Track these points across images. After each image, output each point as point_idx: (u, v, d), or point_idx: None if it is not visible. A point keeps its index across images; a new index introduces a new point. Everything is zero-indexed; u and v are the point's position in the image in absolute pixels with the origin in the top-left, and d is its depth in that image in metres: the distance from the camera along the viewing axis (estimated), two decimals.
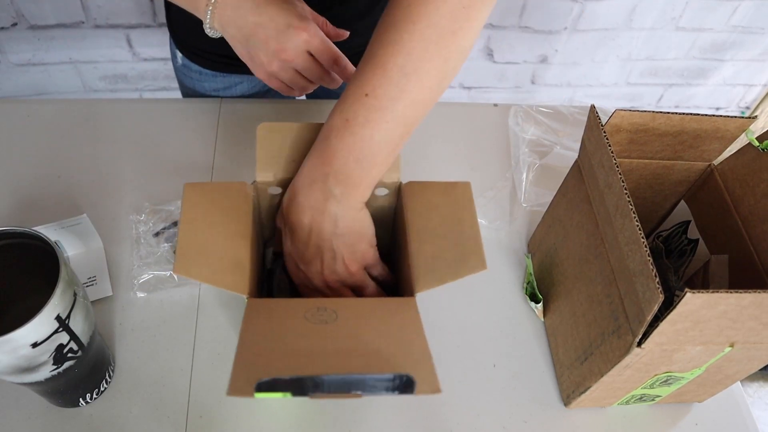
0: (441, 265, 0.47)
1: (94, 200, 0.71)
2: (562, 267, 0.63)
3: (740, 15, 1.54)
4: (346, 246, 0.50)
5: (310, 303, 0.46)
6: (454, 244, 0.48)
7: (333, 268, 0.50)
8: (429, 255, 0.47)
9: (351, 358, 0.40)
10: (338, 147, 0.47)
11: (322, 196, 0.48)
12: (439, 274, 0.46)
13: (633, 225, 0.48)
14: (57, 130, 0.78)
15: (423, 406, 0.60)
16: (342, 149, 0.47)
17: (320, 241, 0.49)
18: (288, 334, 0.43)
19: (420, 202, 0.51)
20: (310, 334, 0.43)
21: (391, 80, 0.46)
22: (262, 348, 0.41)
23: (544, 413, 0.62)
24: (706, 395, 0.62)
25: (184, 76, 0.86)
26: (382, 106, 0.46)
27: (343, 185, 0.48)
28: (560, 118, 0.88)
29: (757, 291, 0.43)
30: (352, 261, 0.51)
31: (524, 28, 1.48)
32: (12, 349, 0.43)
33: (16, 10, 1.21)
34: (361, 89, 0.47)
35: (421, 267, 0.47)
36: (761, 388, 1.59)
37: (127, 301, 0.64)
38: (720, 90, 1.80)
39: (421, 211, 0.50)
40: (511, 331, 0.67)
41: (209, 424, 0.57)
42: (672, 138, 0.59)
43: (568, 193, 0.63)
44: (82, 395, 0.55)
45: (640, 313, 0.47)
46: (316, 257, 0.50)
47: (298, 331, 0.43)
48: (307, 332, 0.43)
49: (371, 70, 0.47)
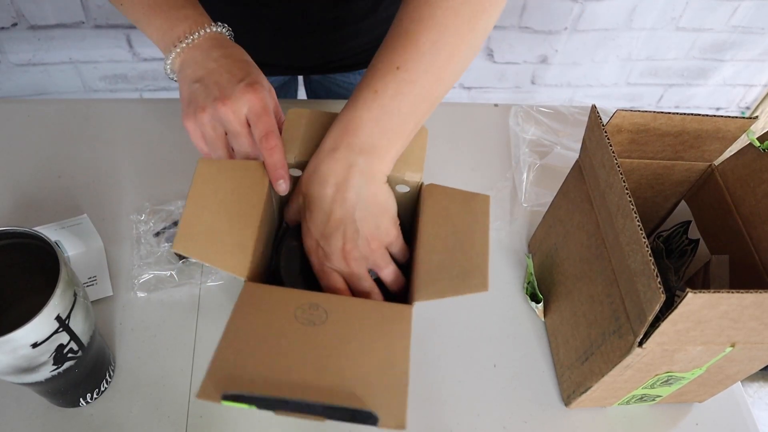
0: (444, 278, 0.46)
1: (94, 200, 0.71)
2: (563, 267, 0.63)
3: (740, 15, 1.54)
4: (369, 219, 0.48)
5: (304, 297, 0.45)
6: (461, 258, 0.46)
7: (355, 243, 0.48)
8: (434, 265, 0.47)
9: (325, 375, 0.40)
10: (365, 118, 0.47)
11: (346, 166, 0.47)
12: (440, 288, 0.46)
13: (634, 225, 0.48)
14: (57, 130, 0.78)
15: (423, 406, 0.60)
16: (369, 120, 0.47)
17: (343, 213, 0.48)
18: (272, 334, 0.42)
19: (436, 208, 0.50)
20: (294, 337, 0.42)
21: (423, 55, 0.47)
22: (243, 346, 0.41)
23: (545, 413, 0.61)
24: (707, 395, 0.62)
25: None
26: (412, 79, 0.47)
27: (367, 155, 0.48)
28: (560, 118, 0.88)
29: (758, 291, 0.43)
30: (374, 237, 0.49)
31: (524, 28, 1.48)
32: (12, 349, 0.43)
33: (16, 10, 1.21)
34: (392, 62, 0.47)
35: (424, 277, 0.47)
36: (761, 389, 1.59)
37: (127, 301, 0.64)
38: (720, 90, 1.80)
39: (436, 218, 0.49)
40: (511, 331, 0.67)
41: (209, 424, 0.57)
42: (673, 138, 0.59)
43: (569, 193, 0.63)
44: (83, 395, 0.55)
45: (641, 313, 0.47)
46: (338, 230, 0.48)
47: (283, 331, 0.43)
48: (292, 334, 0.42)
49: (402, 45, 0.48)
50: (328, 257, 0.49)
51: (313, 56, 0.82)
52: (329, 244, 0.48)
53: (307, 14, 0.72)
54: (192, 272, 0.66)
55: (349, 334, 0.44)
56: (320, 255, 0.50)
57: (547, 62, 1.59)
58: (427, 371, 0.63)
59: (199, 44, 0.52)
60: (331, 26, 0.75)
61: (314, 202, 0.49)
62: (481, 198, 0.50)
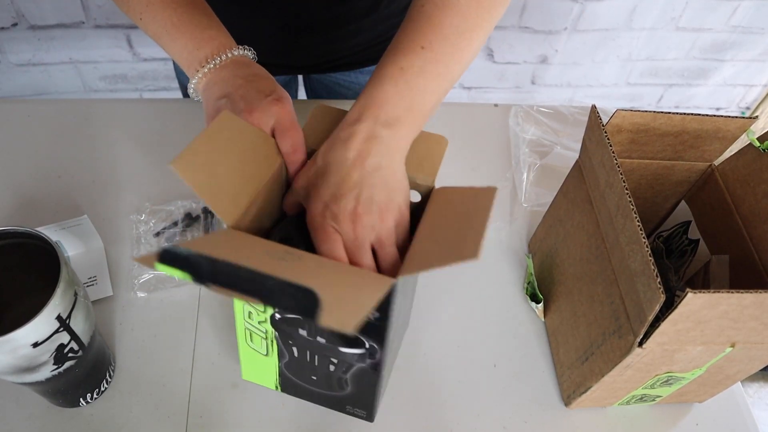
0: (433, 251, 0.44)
1: (94, 200, 0.71)
2: (563, 267, 0.63)
3: (740, 15, 1.54)
4: (385, 190, 0.47)
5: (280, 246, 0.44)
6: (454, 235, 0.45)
7: (368, 208, 0.46)
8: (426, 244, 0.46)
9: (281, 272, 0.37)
10: (391, 92, 0.48)
11: (370, 136, 0.47)
12: (427, 259, 0.43)
13: (634, 225, 0.48)
14: (57, 130, 0.78)
15: (423, 406, 0.60)
16: (395, 95, 0.48)
17: (360, 177, 0.47)
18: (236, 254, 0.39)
19: (441, 203, 0.49)
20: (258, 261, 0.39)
21: (446, 38, 0.50)
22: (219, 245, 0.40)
23: (545, 413, 0.62)
24: (707, 395, 0.62)
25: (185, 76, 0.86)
26: (437, 59, 0.49)
27: (391, 129, 0.48)
28: (560, 118, 0.88)
29: (758, 291, 0.43)
30: (386, 209, 0.47)
31: (524, 28, 1.48)
32: (12, 349, 0.43)
33: (16, 10, 1.21)
34: (417, 42, 0.49)
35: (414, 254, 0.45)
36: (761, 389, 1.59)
37: (127, 301, 0.64)
38: (720, 90, 1.80)
39: (439, 210, 0.48)
40: (511, 331, 0.67)
41: (209, 424, 0.57)
42: (673, 138, 0.59)
43: (569, 193, 0.63)
44: (83, 395, 0.55)
45: (641, 313, 0.47)
46: (351, 192, 0.46)
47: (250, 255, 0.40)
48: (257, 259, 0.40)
49: (427, 27, 0.50)
50: (336, 217, 0.46)
51: (314, 55, 0.82)
52: (339, 205, 0.46)
53: (308, 12, 0.72)
54: None
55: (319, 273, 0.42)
56: (327, 215, 0.46)
57: (547, 62, 1.59)
58: (427, 371, 0.63)
59: (225, 66, 0.53)
60: (332, 24, 0.76)
61: (331, 165, 0.47)
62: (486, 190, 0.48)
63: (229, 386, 0.59)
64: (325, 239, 0.46)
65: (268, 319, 0.49)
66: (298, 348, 0.51)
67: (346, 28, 0.77)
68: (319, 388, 0.56)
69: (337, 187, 0.47)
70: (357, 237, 0.46)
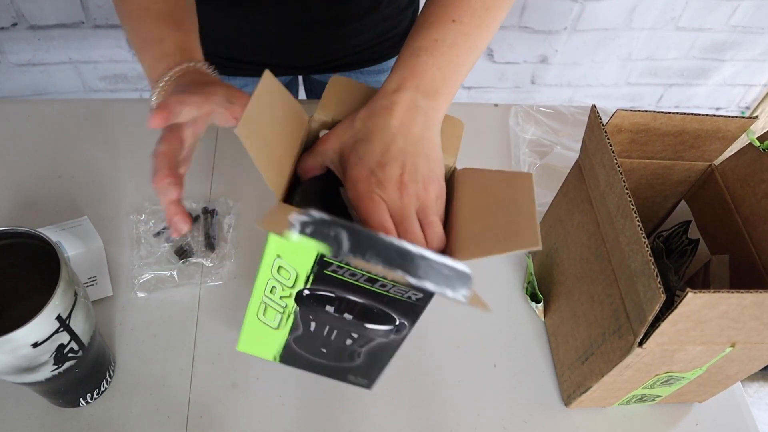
0: (488, 239, 0.43)
1: (94, 200, 0.71)
2: (563, 267, 0.63)
3: (740, 15, 1.54)
4: (427, 161, 0.47)
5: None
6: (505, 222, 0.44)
7: (413, 176, 0.46)
8: (476, 229, 0.44)
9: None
10: (429, 63, 0.49)
11: (411, 105, 0.48)
12: (486, 246, 0.42)
13: (634, 225, 0.48)
14: (57, 130, 0.78)
15: (423, 406, 0.60)
16: (432, 65, 0.49)
17: (405, 145, 0.46)
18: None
19: (474, 186, 0.48)
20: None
21: (474, 12, 0.51)
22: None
23: (545, 413, 0.61)
24: (707, 395, 0.62)
25: None
26: (467, 32, 0.51)
27: (430, 100, 0.49)
28: (560, 118, 0.88)
29: (758, 291, 0.43)
30: (430, 180, 0.47)
31: (524, 28, 1.48)
32: (12, 349, 0.43)
33: (16, 10, 1.21)
34: (448, 16, 0.51)
35: (466, 239, 0.44)
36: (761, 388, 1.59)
37: (127, 301, 0.64)
38: (720, 90, 1.80)
39: (475, 193, 0.47)
40: (511, 331, 0.67)
41: (209, 424, 0.57)
42: (673, 138, 0.59)
43: (569, 193, 0.63)
44: (83, 395, 0.55)
45: (641, 313, 0.47)
46: (396, 160, 0.46)
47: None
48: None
49: (455, 2, 0.51)
50: (382, 184, 0.45)
51: (315, 55, 0.82)
52: (385, 172, 0.45)
53: (310, 12, 0.72)
54: (192, 272, 0.66)
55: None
56: (372, 182, 0.45)
57: (547, 62, 1.59)
58: (428, 371, 0.63)
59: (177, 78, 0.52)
60: (333, 24, 0.76)
61: (374, 132, 0.47)
62: (523, 175, 0.47)
63: (229, 386, 0.59)
64: (373, 208, 0.45)
65: (293, 294, 0.47)
66: (317, 323, 0.49)
67: (347, 27, 0.77)
68: (327, 359, 0.54)
69: (381, 155, 0.46)
70: (404, 205, 0.45)
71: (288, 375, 0.60)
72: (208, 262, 0.67)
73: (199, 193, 0.73)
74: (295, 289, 0.46)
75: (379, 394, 0.60)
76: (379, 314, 0.46)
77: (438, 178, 0.48)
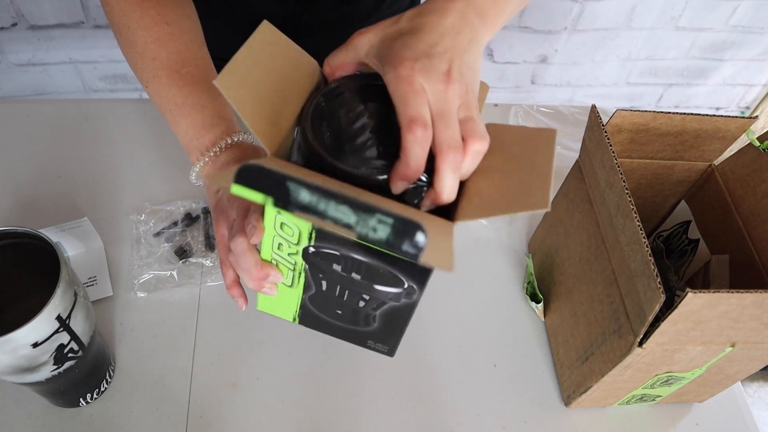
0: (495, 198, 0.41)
1: (94, 200, 0.71)
2: (563, 267, 0.63)
3: (740, 15, 1.54)
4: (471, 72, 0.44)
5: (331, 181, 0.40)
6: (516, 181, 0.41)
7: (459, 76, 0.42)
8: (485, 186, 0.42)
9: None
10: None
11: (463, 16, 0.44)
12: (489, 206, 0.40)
13: (634, 225, 0.48)
14: (57, 130, 0.78)
15: (423, 406, 0.60)
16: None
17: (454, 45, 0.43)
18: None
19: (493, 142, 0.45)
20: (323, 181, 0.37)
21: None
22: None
23: (545, 413, 0.62)
24: (707, 395, 0.62)
25: None
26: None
27: (480, 18, 0.46)
28: (560, 118, 0.88)
29: (758, 291, 0.43)
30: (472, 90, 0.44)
31: (524, 28, 1.48)
32: (12, 349, 0.43)
33: (16, 10, 1.21)
34: None
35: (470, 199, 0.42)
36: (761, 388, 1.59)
37: (127, 301, 0.64)
38: (720, 90, 1.80)
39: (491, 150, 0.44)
40: (511, 331, 0.67)
41: (209, 424, 0.57)
42: (673, 138, 0.59)
43: (569, 193, 0.63)
44: (83, 395, 0.55)
45: (641, 313, 0.47)
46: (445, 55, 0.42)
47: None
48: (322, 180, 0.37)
49: None
50: (426, 71, 0.41)
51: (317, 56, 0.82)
52: (432, 62, 0.41)
53: (315, 13, 0.72)
54: (192, 272, 0.66)
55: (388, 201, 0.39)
56: (416, 68, 0.41)
57: (547, 62, 1.59)
58: (428, 371, 0.63)
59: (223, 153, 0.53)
60: (337, 25, 0.76)
61: (423, 27, 0.43)
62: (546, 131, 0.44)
63: (229, 386, 0.59)
64: (413, 94, 0.40)
65: (300, 252, 0.46)
66: (327, 282, 0.48)
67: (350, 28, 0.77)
68: (343, 322, 0.52)
69: (429, 47, 0.41)
70: (448, 98, 0.41)
71: (288, 375, 0.60)
72: (208, 262, 0.67)
73: (199, 193, 0.73)
74: (301, 246, 0.45)
75: (379, 394, 0.60)
76: (386, 276, 0.45)
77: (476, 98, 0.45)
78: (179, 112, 0.56)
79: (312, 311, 0.52)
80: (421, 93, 0.40)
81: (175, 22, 0.57)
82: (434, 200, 0.42)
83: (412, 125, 0.39)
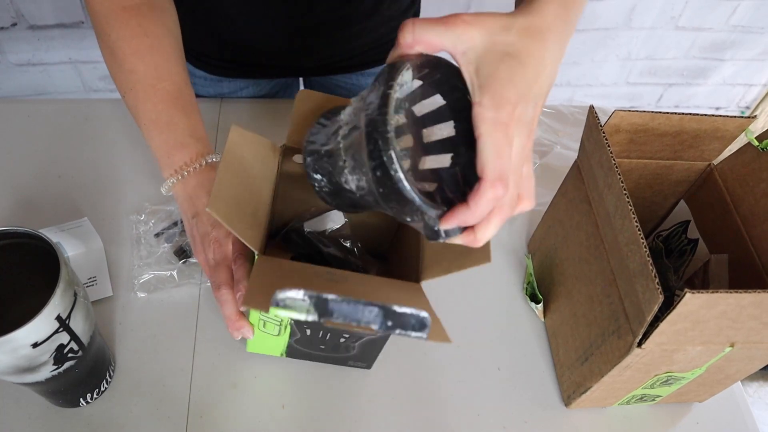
0: (448, 256, 0.47)
1: (94, 200, 0.71)
2: (562, 267, 0.63)
3: (740, 15, 1.54)
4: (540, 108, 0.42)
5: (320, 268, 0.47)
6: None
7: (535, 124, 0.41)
8: (438, 249, 0.49)
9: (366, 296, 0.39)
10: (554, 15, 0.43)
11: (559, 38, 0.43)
12: (446, 265, 0.47)
13: (632, 226, 0.48)
14: (57, 130, 0.78)
15: (423, 406, 0.61)
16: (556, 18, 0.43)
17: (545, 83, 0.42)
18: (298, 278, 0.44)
19: None
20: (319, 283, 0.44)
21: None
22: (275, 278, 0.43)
23: (545, 413, 0.62)
24: (707, 395, 0.62)
25: None
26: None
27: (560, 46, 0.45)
28: (560, 118, 0.88)
29: (757, 291, 0.43)
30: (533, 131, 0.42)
31: None
32: (12, 349, 0.43)
33: (16, 10, 1.21)
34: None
35: (430, 257, 0.50)
36: (761, 388, 1.59)
37: (127, 301, 0.64)
38: (720, 90, 1.80)
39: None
40: (511, 332, 0.67)
41: (209, 424, 0.57)
42: (671, 138, 0.59)
43: (568, 193, 0.63)
44: (83, 395, 0.55)
45: (640, 313, 0.47)
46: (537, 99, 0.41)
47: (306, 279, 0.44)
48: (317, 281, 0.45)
49: None
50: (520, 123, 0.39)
51: (317, 57, 0.82)
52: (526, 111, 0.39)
53: (315, 14, 0.72)
54: (192, 272, 0.66)
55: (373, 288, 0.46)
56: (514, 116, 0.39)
57: None
58: (428, 371, 0.63)
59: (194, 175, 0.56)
60: (337, 26, 0.76)
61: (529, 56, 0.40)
62: None
63: (229, 386, 0.59)
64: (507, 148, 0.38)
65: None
66: (311, 329, 0.53)
67: (350, 29, 0.77)
68: (326, 353, 0.58)
69: (529, 86, 0.39)
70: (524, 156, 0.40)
71: (288, 375, 0.60)
72: None
73: None
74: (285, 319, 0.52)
75: (379, 394, 0.60)
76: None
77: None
78: (152, 127, 0.57)
79: (298, 349, 0.58)
80: (511, 147, 0.38)
81: (155, 35, 0.58)
82: (470, 243, 0.42)
83: (497, 183, 0.38)
